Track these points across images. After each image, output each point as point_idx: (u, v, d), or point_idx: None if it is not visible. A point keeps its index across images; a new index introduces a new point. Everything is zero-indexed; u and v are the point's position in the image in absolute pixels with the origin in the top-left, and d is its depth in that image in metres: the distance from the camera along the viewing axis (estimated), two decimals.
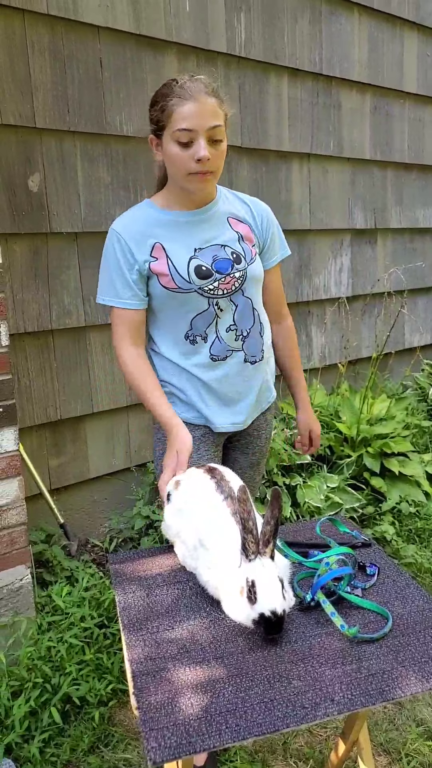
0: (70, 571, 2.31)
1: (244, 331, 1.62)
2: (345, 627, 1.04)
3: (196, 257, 1.56)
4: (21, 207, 2.26)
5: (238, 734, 0.87)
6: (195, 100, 1.42)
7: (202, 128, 1.43)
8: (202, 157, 1.43)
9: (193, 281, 1.55)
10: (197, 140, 1.44)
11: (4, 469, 1.90)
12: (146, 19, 2.47)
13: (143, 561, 1.32)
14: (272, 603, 1.03)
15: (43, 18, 2.21)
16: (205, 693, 0.94)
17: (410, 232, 3.95)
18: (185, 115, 1.43)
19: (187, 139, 1.43)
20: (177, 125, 1.43)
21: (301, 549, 1.29)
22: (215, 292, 1.57)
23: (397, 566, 1.28)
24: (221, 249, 1.58)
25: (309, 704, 0.92)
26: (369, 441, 2.99)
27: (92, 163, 2.43)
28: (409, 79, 3.69)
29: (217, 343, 1.60)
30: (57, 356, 2.43)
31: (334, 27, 3.22)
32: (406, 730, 1.85)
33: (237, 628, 1.09)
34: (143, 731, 0.87)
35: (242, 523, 1.07)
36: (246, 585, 1.05)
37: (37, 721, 1.75)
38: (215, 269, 1.56)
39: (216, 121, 1.44)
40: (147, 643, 1.06)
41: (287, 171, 3.16)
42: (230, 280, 1.58)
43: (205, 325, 1.58)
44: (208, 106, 1.43)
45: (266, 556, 1.07)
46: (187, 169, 1.47)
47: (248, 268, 1.61)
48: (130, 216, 1.59)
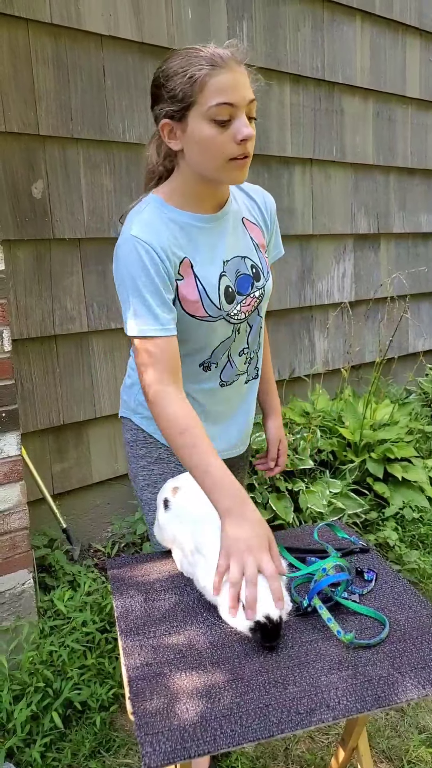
0: (73, 575, 2.32)
1: (253, 354, 1.47)
2: (341, 633, 1.05)
3: (225, 274, 1.33)
4: (24, 213, 2.27)
5: (233, 740, 0.87)
6: (231, 70, 1.16)
7: (242, 102, 1.17)
8: (247, 135, 1.17)
9: (224, 307, 1.32)
10: (237, 117, 1.17)
11: (6, 474, 1.91)
12: (149, 28, 2.49)
13: (142, 566, 1.32)
14: (266, 609, 1.02)
15: (46, 27, 2.23)
16: (201, 698, 0.95)
17: (413, 237, 3.96)
18: (223, 87, 1.15)
19: (227, 116, 1.17)
20: (214, 99, 1.16)
21: (299, 554, 1.29)
22: (238, 317, 1.36)
23: (395, 572, 1.28)
24: (242, 262, 1.36)
25: (304, 710, 0.92)
26: (372, 446, 2.99)
27: (95, 170, 2.44)
28: (412, 85, 3.70)
29: (228, 368, 1.42)
30: (60, 361, 2.45)
31: (336, 33, 3.23)
32: (408, 737, 1.84)
33: (234, 633, 1.09)
34: (139, 736, 0.88)
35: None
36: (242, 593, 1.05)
37: (38, 725, 1.76)
38: (237, 290, 1.35)
39: (251, 94, 1.20)
40: (144, 647, 1.06)
41: (290, 176, 3.17)
42: (250, 301, 1.37)
43: (223, 351, 1.39)
44: (244, 76, 1.19)
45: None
46: (226, 154, 1.20)
47: (266, 285, 1.41)
48: (150, 220, 1.27)
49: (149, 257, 1.22)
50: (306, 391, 3.37)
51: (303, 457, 2.80)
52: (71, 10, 2.27)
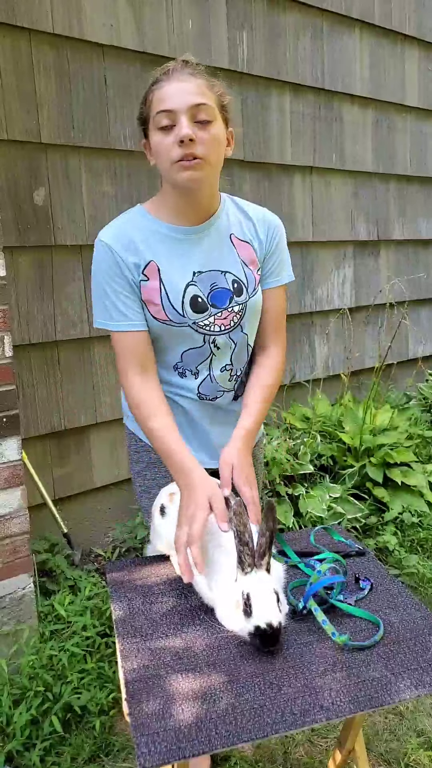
0: (73, 580, 2.33)
1: (239, 371, 1.46)
2: (336, 635, 1.06)
3: (194, 283, 1.35)
4: (27, 220, 2.30)
5: (228, 740, 0.89)
6: (175, 80, 1.24)
7: (182, 107, 1.23)
8: (183, 136, 1.22)
9: (188, 315, 1.35)
10: (178, 121, 1.23)
11: (7, 479, 1.92)
12: (150, 37, 2.52)
13: (140, 570, 1.34)
14: (267, 616, 1.03)
15: (48, 37, 2.27)
16: (197, 700, 0.96)
17: (413, 244, 3.98)
18: (163, 97, 1.24)
19: (168, 122, 1.24)
20: (156, 109, 1.25)
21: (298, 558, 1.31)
22: (211, 328, 1.37)
23: (390, 575, 1.29)
24: (222, 276, 1.38)
25: (298, 711, 0.93)
26: (372, 451, 3.00)
27: (96, 178, 2.47)
28: (411, 94, 3.72)
29: (207, 382, 1.42)
30: (61, 367, 2.47)
31: (336, 43, 3.26)
32: (406, 740, 1.85)
33: (231, 636, 1.10)
34: (134, 737, 0.89)
35: (238, 536, 1.07)
36: (242, 598, 1.06)
37: (38, 729, 1.77)
38: (210, 302, 1.36)
39: (200, 99, 1.23)
40: (141, 650, 1.07)
41: (290, 184, 3.20)
42: (228, 315, 1.38)
43: (197, 361, 1.40)
44: (190, 84, 1.24)
45: (262, 569, 1.08)
46: (171, 157, 1.25)
47: (249, 301, 1.41)
48: (119, 224, 1.36)
49: (112, 257, 1.31)
50: (306, 396, 3.38)
51: (303, 462, 2.81)
52: (73, 20, 2.31)
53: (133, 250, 1.32)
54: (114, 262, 1.32)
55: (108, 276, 1.33)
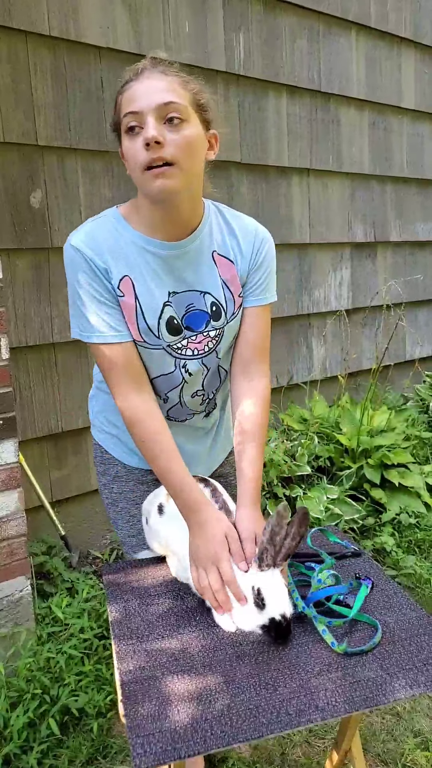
0: (71, 582, 2.33)
1: (210, 394, 1.39)
2: (335, 644, 1.06)
3: (170, 303, 1.24)
4: (23, 223, 2.30)
5: (223, 740, 0.89)
6: (142, 79, 1.12)
7: (148, 107, 1.10)
8: (147, 138, 1.09)
9: (163, 336, 1.25)
10: (145, 122, 1.11)
11: (4, 481, 1.92)
12: (147, 40, 2.53)
13: (137, 572, 1.34)
14: (282, 607, 1.07)
15: (45, 39, 2.27)
16: (193, 701, 0.96)
17: (410, 246, 3.99)
18: (130, 98, 1.12)
19: (136, 125, 1.12)
20: (124, 111, 1.13)
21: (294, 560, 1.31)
22: (183, 352, 1.27)
23: (386, 575, 1.29)
24: (200, 297, 1.27)
25: (294, 711, 0.94)
26: (369, 452, 3.00)
27: (93, 180, 2.47)
28: (407, 96, 3.73)
29: (177, 408, 1.36)
30: (59, 369, 2.47)
31: (333, 46, 3.27)
32: (403, 740, 1.85)
33: (227, 637, 1.11)
34: (130, 738, 0.89)
35: (271, 535, 1.08)
36: (252, 592, 1.08)
37: (35, 732, 1.77)
38: (185, 324, 1.26)
39: (170, 97, 1.11)
40: (137, 652, 1.08)
41: (287, 186, 3.20)
42: (202, 339, 1.28)
43: (167, 388, 1.32)
44: (158, 82, 1.12)
45: (278, 569, 1.10)
46: (140, 164, 1.12)
47: (227, 326, 1.31)
48: (92, 231, 1.23)
49: (88, 265, 1.20)
50: (304, 397, 3.39)
51: (300, 464, 2.82)
52: (70, 22, 2.31)
53: (108, 260, 1.21)
54: (91, 270, 1.20)
55: (87, 284, 1.20)
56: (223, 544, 1.16)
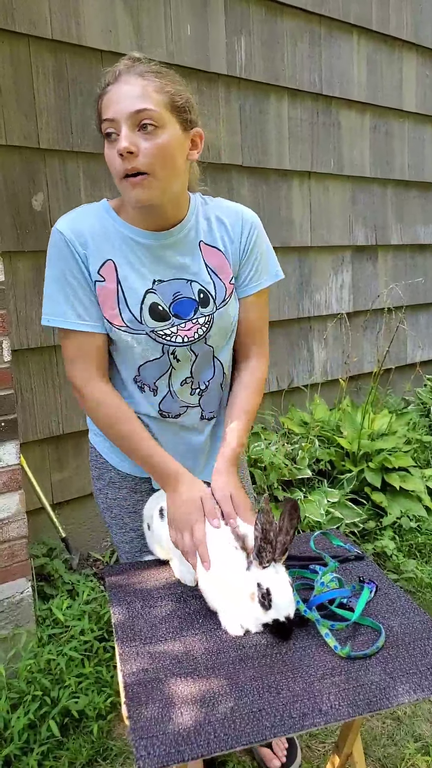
0: (71, 584, 2.33)
1: (202, 384, 1.35)
2: (338, 648, 1.06)
3: (154, 291, 1.25)
4: (25, 225, 2.30)
5: (226, 743, 0.89)
6: (118, 83, 1.12)
7: (121, 114, 1.10)
8: (119, 149, 1.10)
9: (146, 322, 1.25)
10: (120, 130, 1.11)
11: (5, 483, 1.92)
12: (148, 43, 2.53)
13: (139, 574, 1.34)
14: (287, 609, 1.08)
15: (47, 42, 2.27)
16: (196, 703, 0.96)
17: (411, 249, 3.99)
18: (107, 104, 1.12)
19: (113, 131, 1.12)
20: (102, 117, 1.14)
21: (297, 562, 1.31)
22: (172, 339, 1.27)
23: (389, 579, 1.29)
24: (186, 285, 1.27)
25: (297, 714, 0.93)
26: (370, 456, 3.00)
27: (95, 183, 2.48)
28: (409, 99, 3.74)
29: (168, 399, 1.33)
30: (60, 371, 2.47)
31: (334, 49, 3.28)
32: (404, 745, 1.85)
33: (230, 640, 1.11)
34: (133, 740, 0.89)
35: (263, 532, 1.09)
36: (258, 591, 1.09)
37: (35, 733, 1.76)
38: (173, 312, 1.26)
39: (142, 104, 1.10)
40: (140, 654, 1.07)
41: (288, 189, 3.21)
42: (191, 326, 1.28)
43: (155, 376, 1.30)
44: (133, 87, 1.10)
45: (279, 563, 1.11)
46: (116, 172, 1.15)
47: (216, 312, 1.30)
48: (78, 216, 1.24)
49: (68, 251, 1.20)
50: (304, 401, 3.39)
51: (301, 467, 2.82)
52: (72, 26, 2.32)
53: (90, 246, 1.21)
54: (71, 256, 1.21)
55: (65, 269, 1.21)
56: (197, 506, 1.22)
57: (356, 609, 1.13)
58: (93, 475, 1.50)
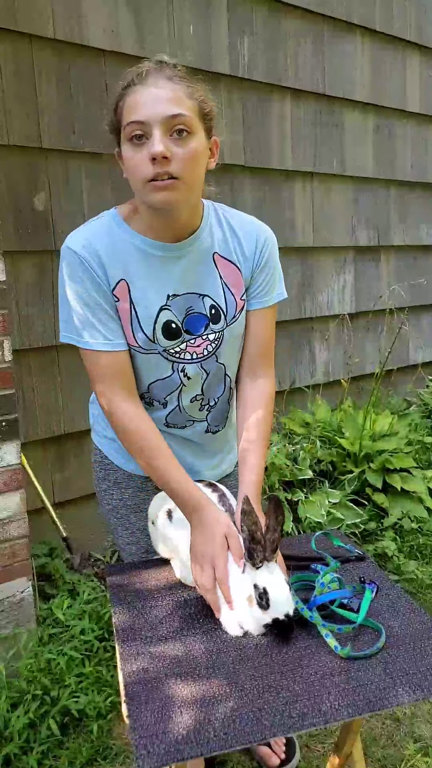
0: (72, 584, 2.33)
1: (212, 401, 1.34)
2: (339, 648, 1.06)
3: (168, 307, 1.23)
4: (27, 225, 2.30)
5: (226, 743, 0.89)
6: (148, 86, 1.10)
7: (155, 118, 1.09)
8: (155, 153, 1.08)
9: (159, 341, 1.23)
10: (151, 135, 1.10)
11: (6, 483, 1.92)
12: (150, 43, 2.53)
13: (140, 573, 1.34)
14: (285, 607, 1.08)
15: (49, 42, 2.28)
16: (196, 703, 0.96)
17: (413, 250, 3.98)
18: (135, 105, 1.10)
19: (140, 135, 1.10)
20: (126, 119, 1.11)
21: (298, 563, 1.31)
22: (181, 356, 1.26)
23: (390, 580, 1.29)
24: (198, 300, 1.25)
25: (296, 714, 0.93)
26: (371, 457, 3.00)
27: (97, 183, 2.48)
28: (412, 99, 3.74)
29: (176, 413, 1.32)
30: (61, 371, 2.47)
31: (337, 49, 3.28)
32: (403, 746, 1.84)
33: (230, 640, 1.11)
34: (133, 739, 0.89)
35: (250, 534, 1.09)
36: (256, 592, 1.09)
37: (35, 733, 1.77)
38: (185, 328, 1.25)
39: (177, 108, 1.10)
40: (141, 653, 1.07)
41: (290, 189, 3.20)
42: (201, 343, 1.26)
43: (165, 392, 1.29)
44: (166, 91, 1.10)
45: (273, 561, 1.11)
46: (142, 176, 1.12)
47: (227, 329, 1.29)
48: (89, 234, 1.22)
49: (85, 269, 1.19)
50: (306, 401, 3.38)
51: (302, 467, 2.81)
52: (74, 26, 2.32)
53: (106, 265, 1.20)
54: (88, 276, 1.19)
55: (82, 289, 1.19)
56: (222, 543, 1.17)
57: (360, 610, 1.12)
58: (97, 477, 1.50)
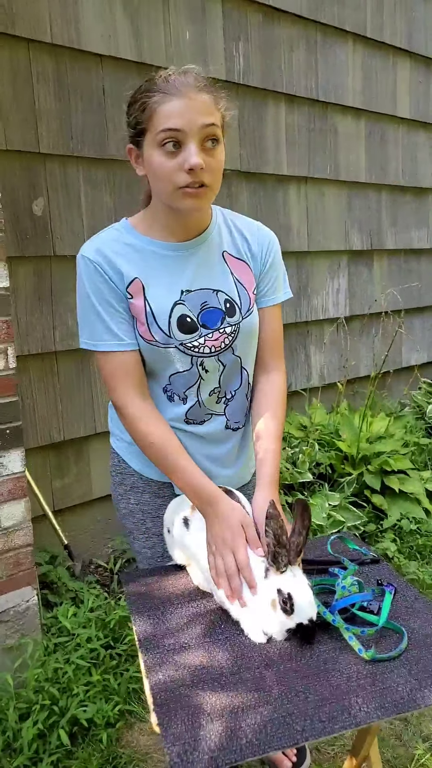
0: (75, 592, 2.31)
1: (228, 394, 1.37)
2: (362, 651, 1.06)
3: (182, 302, 1.27)
4: (25, 231, 2.29)
5: (259, 748, 0.88)
6: (183, 96, 1.14)
7: (192, 128, 1.14)
8: (194, 165, 1.14)
9: (174, 335, 1.27)
10: (187, 144, 1.15)
11: (10, 491, 1.91)
12: (147, 48, 2.54)
13: (157, 580, 1.33)
14: (309, 612, 1.08)
15: (47, 47, 2.27)
16: (225, 709, 0.95)
17: (405, 254, 4.02)
18: (171, 113, 1.14)
19: (174, 142, 1.15)
20: (161, 126, 1.14)
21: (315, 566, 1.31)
22: (200, 350, 1.29)
23: (405, 581, 1.30)
24: (213, 295, 1.30)
25: (326, 718, 0.93)
26: (369, 459, 3.02)
27: (95, 188, 2.47)
28: (402, 105, 3.77)
29: (196, 408, 1.34)
30: (60, 378, 2.46)
31: (330, 55, 3.30)
32: (412, 745, 1.85)
33: (252, 645, 1.10)
34: (166, 746, 0.88)
35: (276, 537, 1.09)
36: (280, 597, 1.08)
37: (44, 743, 1.75)
38: (201, 322, 1.28)
39: (210, 118, 1.15)
40: (165, 662, 1.07)
41: (285, 194, 3.22)
42: (219, 336, 1.30)
43: (185, 386, 1.32)
44: (199, 102, 1.15)
45: (296, 565, 1.11)
46: (174, 183, 1.17)
47: (242, 322, 1.33)
48: (102, 239, 1.28)
49: (97, 273, 1.24)
50: (303, 405, 3.39)
51: (302, 470, 2.82)
52: (71, 30, 2.31)
53: (117, 266, 1.25)
54: (102, 280, 1.24)
55: (97, 294, 1.25)
56: (239, 531, 1.20)
57: (382, 613, 1.13)
58: (114, 481, 1.49)
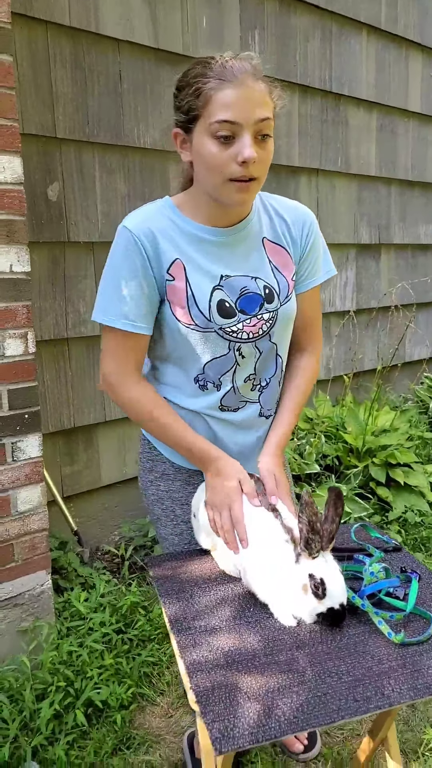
0: (84, 577, 2.32)
1: (263, 381, 1.37)
2: (392, 635, 1.08)
3: (221, 287, 1.27)
4: (40, 215, 2.29)
5: (297, 726, 0.90)
6: (241, 84, 1.11)
7: (248, 121, 1.12)
8: (247, 158, 1.12)
9: (214, 319, 1.26)
10: (241, 136, 1.13)
11: (28, 475, 1.91)
12: (164, 34, 2.53)
13: (182, 564, 1.34)
14: (340, 597, 1.09)
15: (65, 30, 2.26)
16: (261, 689, 0.97)
17: (412, 248, 4.03)
18: (227, 103, 1.11)
19: (229, 135, 1.13)
20: (216, 116, 1.12)
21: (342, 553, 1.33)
22: (238, 335, 1.28)
23: (428, 569, 1.32)
24: (252, 281, 1.29)
25: (361, 698, 0.95)
26: (374, 452, 3.04)
27: (110, 174, 2.47)
28: (414, 99, 3.78)
29: (230, 394, 1.33)
30: (72, 365, 2.46)
31: (344, 46, 3.30)
32: (420, 730, 1.88)
33: (282, 627, 1.12)
34: (206, 722, 0.90)
35: (310, 524, 1.11)
36: (311, 581, 1.10)
37: (61, 723, 1.77)
38: (239, 308, 1.28)
39: (266, 112, 1.14)
40: (198, 642, 1.08)
41: (296, 186, 3.23)
42: (257, 322, 1.29)
43: (220, 372, 1.31)
44: (256, 91, 1.13)
45: (327, 551, 1.13)
46: (225, 174, 1.16)
47: (281, 308, 1.32)
48: (147, 215, 1.25)
49: (137, 248, 1.22)
50: (310, 397, 3.41)
51: (309, 462, 2.84)
52: (90, 13, 2.30)
53: (160, 245, 1.23)
54: (138, 254, 1.22)
55: (127, 267, 1.22)
56: (236, 487, 1.26)
57: (410, 598, 1.15)
58: (144, 468, 1.49)
